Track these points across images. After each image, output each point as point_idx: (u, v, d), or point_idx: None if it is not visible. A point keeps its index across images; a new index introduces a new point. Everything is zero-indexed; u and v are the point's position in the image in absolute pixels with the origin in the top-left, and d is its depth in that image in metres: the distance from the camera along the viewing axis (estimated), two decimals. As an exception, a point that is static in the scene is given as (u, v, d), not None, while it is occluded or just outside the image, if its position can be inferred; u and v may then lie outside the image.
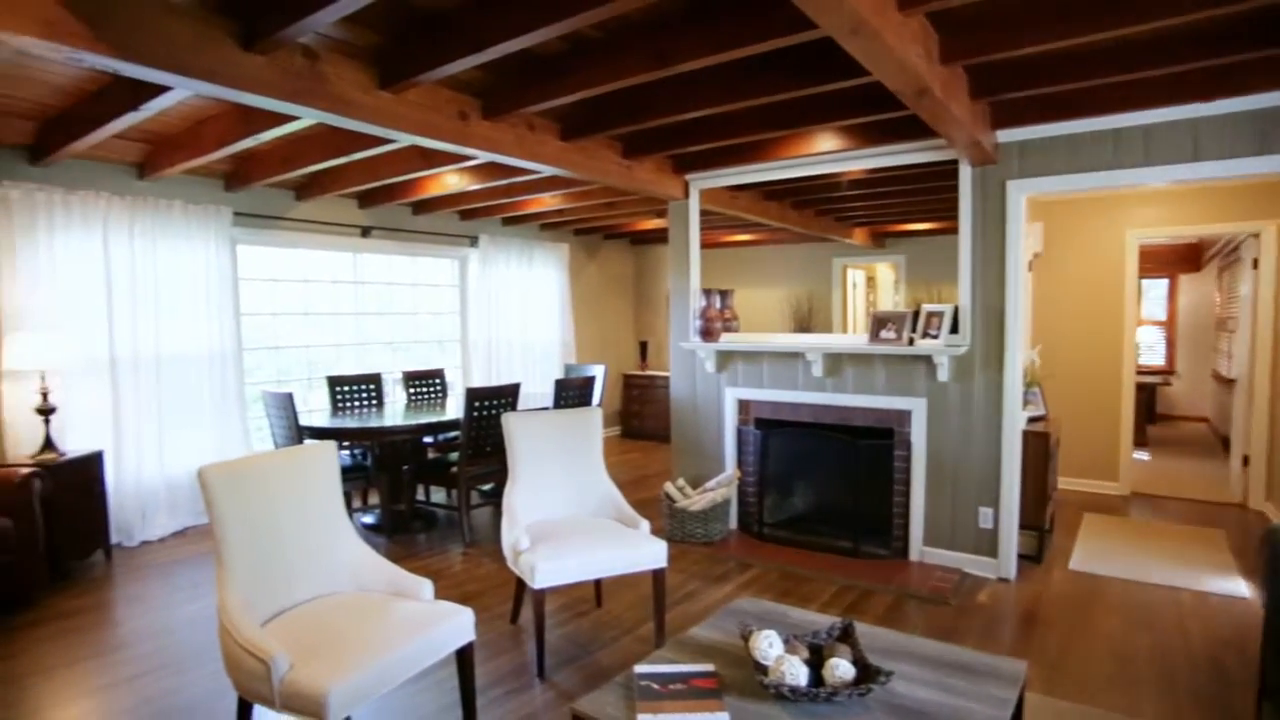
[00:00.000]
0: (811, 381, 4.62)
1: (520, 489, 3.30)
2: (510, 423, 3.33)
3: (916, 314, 4.24)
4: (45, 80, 3.52)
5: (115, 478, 4.60)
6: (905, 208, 6.66)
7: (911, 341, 4.18)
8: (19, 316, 4.24)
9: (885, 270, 9.78)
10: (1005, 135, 3.92)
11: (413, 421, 4.68)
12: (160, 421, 4.84)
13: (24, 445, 4.25)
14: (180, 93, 3.03)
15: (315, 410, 5.51)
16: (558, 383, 5.08)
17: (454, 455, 4.99)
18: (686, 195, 5.15)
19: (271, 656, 1.90)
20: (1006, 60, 3.13)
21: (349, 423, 4.63)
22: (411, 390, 5.81)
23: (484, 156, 3.74)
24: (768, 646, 1.93)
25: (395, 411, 5.17)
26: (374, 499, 5.55)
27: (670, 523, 4.71)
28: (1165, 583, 3.91)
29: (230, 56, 2.59)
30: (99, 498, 4.35)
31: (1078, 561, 4.27)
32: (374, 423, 4.64)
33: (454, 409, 5.26)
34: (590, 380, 5.37)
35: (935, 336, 4.08)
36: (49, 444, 4.17)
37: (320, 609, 2.31)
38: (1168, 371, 10.08)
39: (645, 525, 3.25)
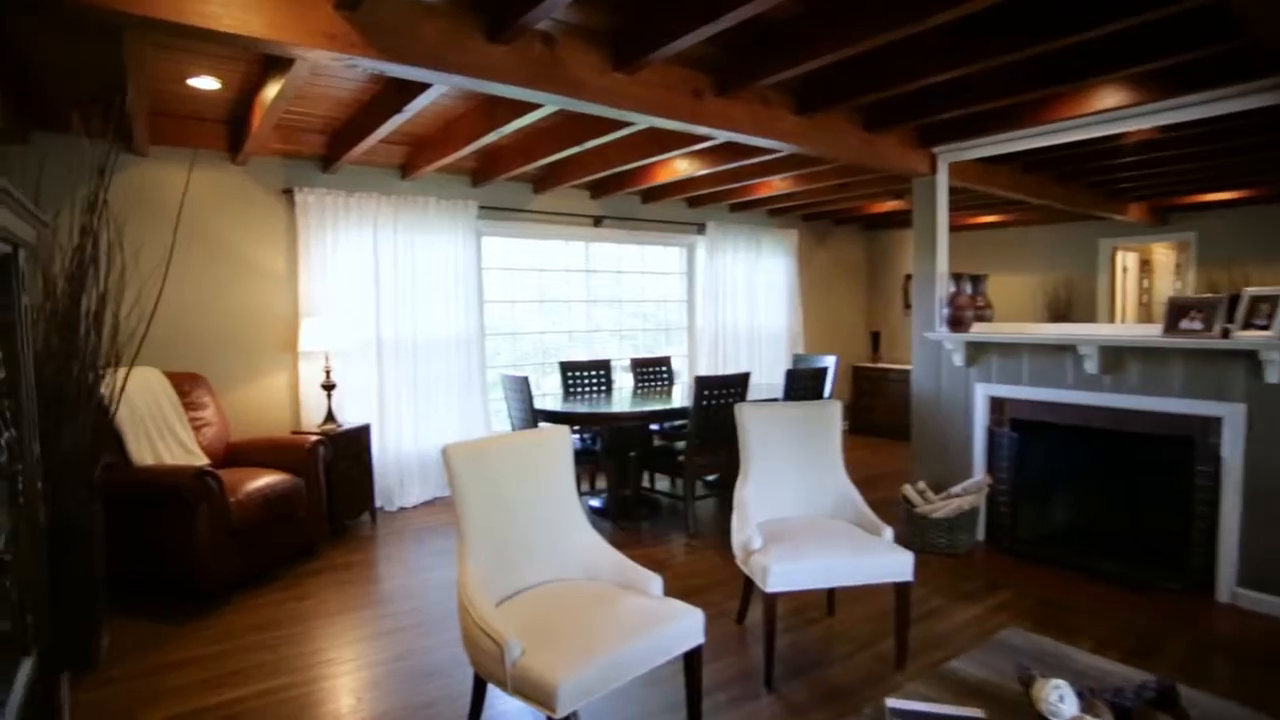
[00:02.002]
0: (1083, 379, 3.96)
1: (752, 484, 3.13)
2: (744, 414, 3.17)
3: (1234, 299, 3.45)
4: (332, 96, 3.95)
5: (379, 448, 5.13)
6: (1204, 173, 5.52)
7: (1226, 333, 3.40)
8: (311, 304, 4.85)
9: (1164, 251, 8.24)
10: (1382, 66, 3.03)
11: (641, 409, 4.70)
12: (415, 399, 5.31)
13: (312, 417, 4.86)
14: (435, 90, 3.21)
15: (548, 394, 5.76)
16: (789, 374, 4.85)
17: (680, 444, 4.95)
18: (933, 170, 4.65)
19: (505, 640, 1.90)
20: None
21: (579, 408, 4.76)
22: (639, 377, 5.88)
23: (719, 135, 3.60)
24: (1058, 700, 1.59)
25: (623, 398, 5.25)
26: (600, 483, 5.69)
27: (909, 529, 4.30)
28: None
29: (478, 49, 2.68)
30: (367, 465, 4.87)
31: None
32: (603, 408, 4.72)
33: (679, 397, 5.22)
34: (823, 372, 5.07)
35: (1264, 327, 3.28)
36: (330, 416, 4.73)
37: (552, 594, 2.31)
38: None
39: (888, 532, 2.94)
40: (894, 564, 2.77)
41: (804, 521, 3.09)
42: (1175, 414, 3.61)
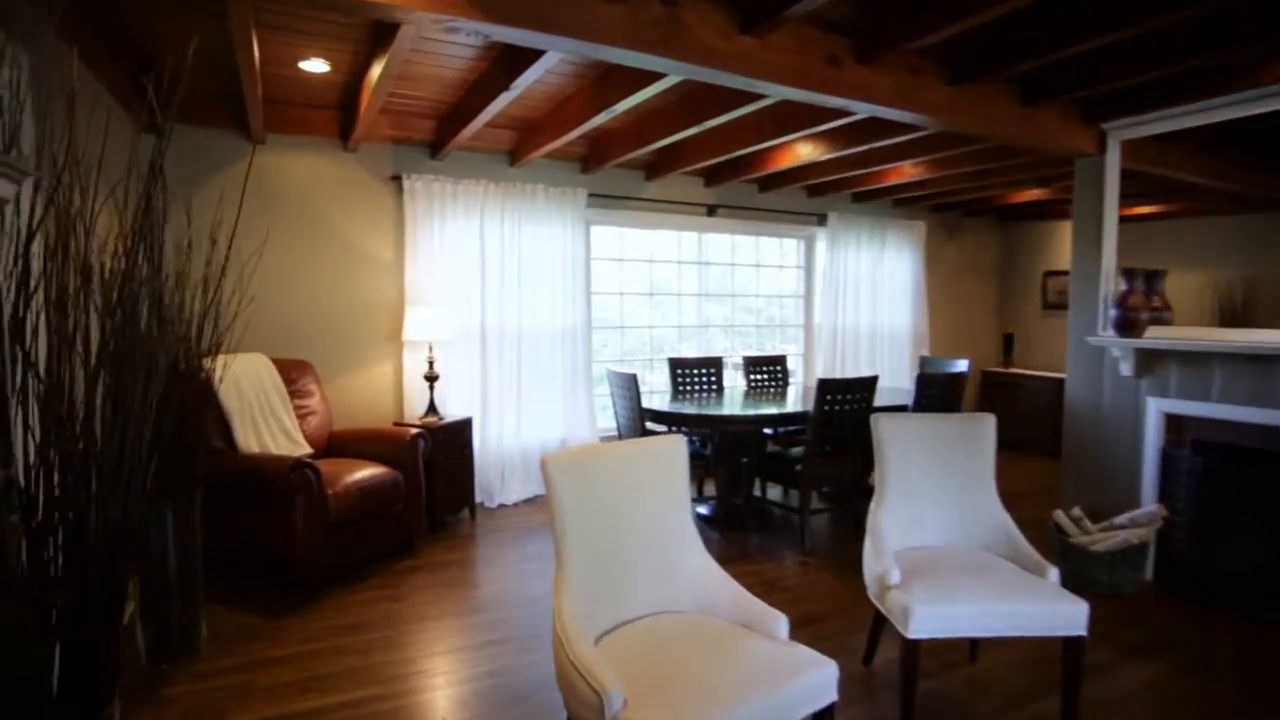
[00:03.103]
0: (1299, 397, 3.29)
1: (889, 507, 2.72)
2: (882, 426, 2.76)
3: None
4: (439, 76, 3.79)
5: (480, 442, 4.99)
6: None
7: None
8: (416, 293, 4.76)
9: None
10: None
11: (755, 412, 4.34)
12: (519, 393, 5.14)
13: (415, 408, 4.77)
14: (543, 65, 2.98)
15: (655, 392, 5.48)
16: (921, 378, 4.35)
17: (794, 450, 4.56)
18: (1101, 150, 4.04)
19: (606, 690, 1.61)
20: None
21: (688, 408, 4.44)
22: (751, 377, 5.51)
23: (857, 109, 3.18)
24: None
25: (734, 399, 4.89)
26: (708, 490, 5.36)
27: (1061, 562, 3.74)
28: None
29: (588, 7, 2.40)
30: (468, 460, 4.73)
31: None
32: (713, 410, 4.39)
33: (794, 399, 4.83)
34: (959, 378, 4.55)
35: None
36: (432, 408, 4.61)
37: (659, 630, 2.00)
38: None
39: (1054, 573, 2.47)
40: (1064, 614, 2.31)
41: (950, 554, 2.66)
42: None
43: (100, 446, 1.36)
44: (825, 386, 3.97)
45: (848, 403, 4.06)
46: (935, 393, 4.44)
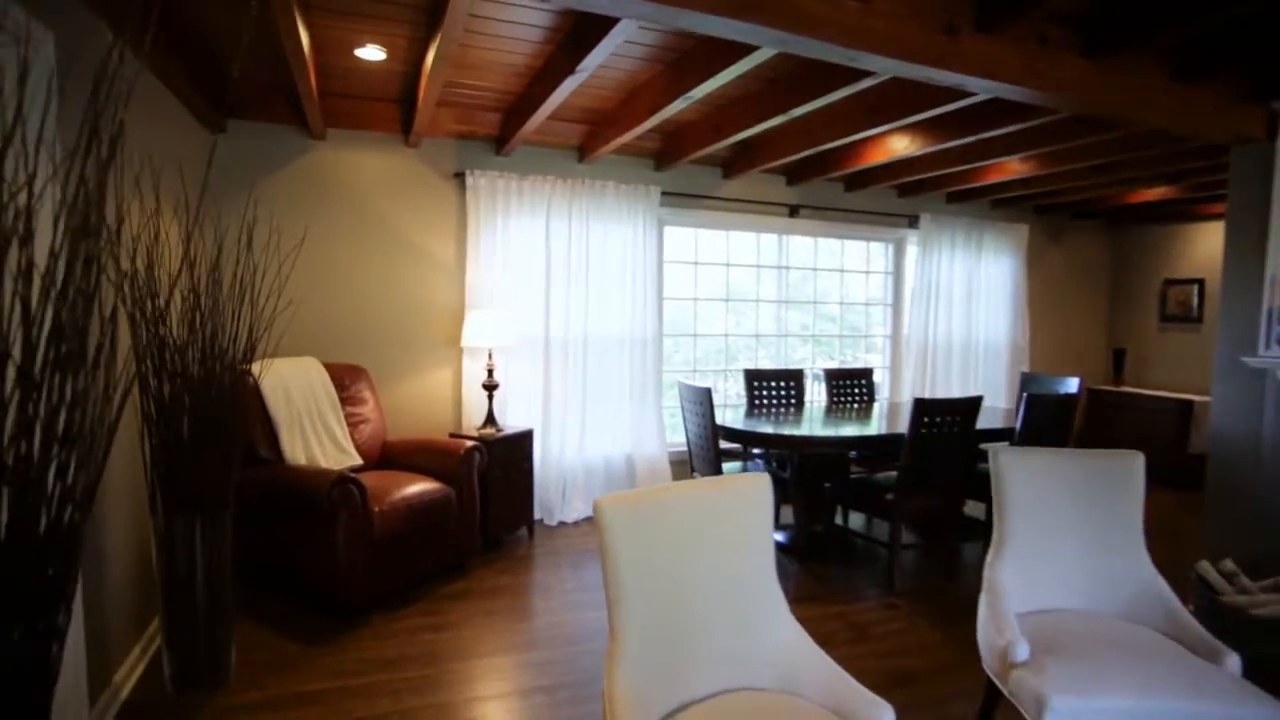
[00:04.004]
0: None
1: (1010, 561, 2.26)
2: (1004, 462, 2.30)
3: None
4: (502, 63, 3.52)
5: (540, 455, 4.69)
6: None
7: None
8: (478, 295, 4.50)
9: None
10: None
11: (839, 433, 3.90)
12: (583, 404, 4.82)
13: (474, 418, 4.51)
14: (615, 40, 2.65)
15: (728, 405, 5.09)
16: (1030, 399, 3.81)
17: (881, 475, 4.09)
18: (1271, 135, 3.43)
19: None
20: None
21: (764, 426, 4.02)
22: (834, 391, 5.05)
23: (976, 87, 2.71)
24: None
25: (815, 416, 4.45)
26: (783, 515, 4.93)
27: (1208, 622, 3.16)
28: None
29: (672, -36, 2.05)
30: (527, 474, 4.43)
31: None
32: (792, 429, 3.96)
33: (881, 418, 4.36)
34: (1069, 399, 3.99)
35: None
36: (490, 419, 4.34)
37: (733, 715, 1.62)
38: None
39: (1233, 661, 1.97)
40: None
41: (1088, 624, 2.18)
42: None
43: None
44: (923, 407, 3.49)
45: (947, 426, 3.57)
46: (1044, 414, 3.90)
